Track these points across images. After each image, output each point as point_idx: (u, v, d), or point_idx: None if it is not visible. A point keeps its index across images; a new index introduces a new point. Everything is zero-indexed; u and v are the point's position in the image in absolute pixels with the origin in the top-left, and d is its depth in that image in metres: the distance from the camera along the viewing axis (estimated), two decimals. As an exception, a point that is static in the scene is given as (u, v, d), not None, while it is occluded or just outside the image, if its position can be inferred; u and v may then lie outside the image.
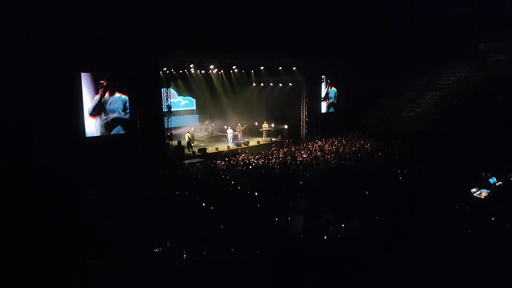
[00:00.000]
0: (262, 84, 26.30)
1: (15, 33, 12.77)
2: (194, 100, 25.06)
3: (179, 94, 23.92)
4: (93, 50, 14.32)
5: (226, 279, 5.51)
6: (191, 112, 25.22)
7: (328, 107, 25.94)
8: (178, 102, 23.82)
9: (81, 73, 14.82)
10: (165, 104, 17.48)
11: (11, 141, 12.93)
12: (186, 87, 23.68)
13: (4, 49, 12.58)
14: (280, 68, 22.94)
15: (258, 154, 17.64)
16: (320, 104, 25.10)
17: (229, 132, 20.87)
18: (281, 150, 18.49)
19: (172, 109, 18.00)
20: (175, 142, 18.45)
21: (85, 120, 15.07)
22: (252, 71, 24.17)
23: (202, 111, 25.45)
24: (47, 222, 8.19)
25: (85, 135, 15.13)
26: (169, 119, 17.69)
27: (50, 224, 8.02)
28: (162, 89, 17.26)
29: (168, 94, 17.60)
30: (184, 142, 19.52)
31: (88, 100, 15.12)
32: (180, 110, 24.24)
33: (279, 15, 21.11)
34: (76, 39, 13.72)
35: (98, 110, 15.38)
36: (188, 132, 20.98)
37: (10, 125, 12.99)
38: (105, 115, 15.60)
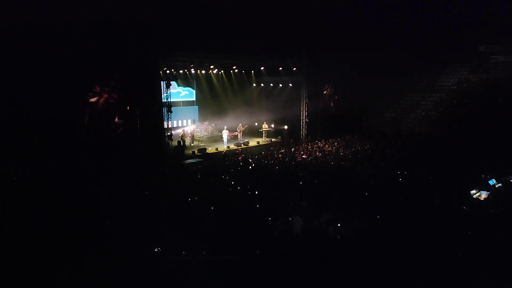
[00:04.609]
0: (262, 85, 26.31)
1: (16, 34, 12.78)
2: (194, 91, 24.97)
3: (179, 84, 23.76)
4: (93, 50, 14.32)
5: (226, 279, 5.52)
6: (190, 103, 25.16)
7: (328, 108, 25.93)
8: (177, 92, 23.68)
9: (82, 73, 14.80)
10: (165, 105, 17.45)
11: (12, 141, 12.94)
12: (185, 83, 23.65)
13: (6, 52, 12.60)
14: (280, 68, 22.96)
15: (258, 154, 17.64)
16: (320, 104, 25.09)
17: (224, 133, 20.78)
18: (280, 150, 18.49)
19: (171, 100, 17.88)
20: (175, 142, 18.44)
21: (84, 120, 15.06)
22: (253, 72, 24.18)
23: (202, 105, 25.40)
24: (48, 221, 8.19)
25: (84, 134, 15.12)
26: (169, 119, 17.68)
27: (50, 224, 8.02)
28: (162, 88, 17.18)
29: (169, 94, 17.59)
30: (187, 141, 19.60)
31: (89, 100, 15.10)
32: (180, 101, 24.16)
33: (279, 16, 21.12)
34: (76, 39, 13.72)
35: (97, 109, 15.37)
36: (190, 131, 21.14)
37: (10, 126, 13.02)
38: (105, 114, 15.59)
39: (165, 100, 17.41)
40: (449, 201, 9.39)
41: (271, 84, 25.77)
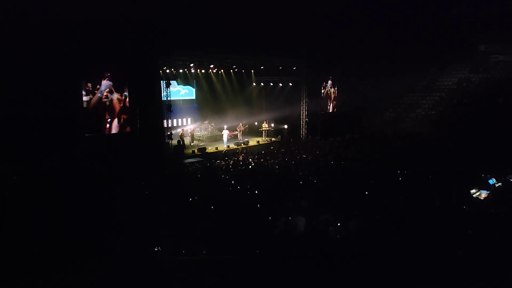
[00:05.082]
0: (262, 84, 26.31)
1: (16, 33, 12.76)
2: (194, 89, 24.96)
3: (178, 83, 23.70)
4: (94, 49, 14.30)
5: (226, 278, 5.51)
6: (190, 101, 25.15)
7: (327, 107, 25.94)
8: (177, 91, 23.63)
9: (82, 72, 14.79)
10: (165, 103, 17.42)
11: (10, 140, 12.93)
12: (185, 82, 23.63)
13: (5, 50, 12.57)
14: (280, 68, 22.94)
15: (258, 154, 17.64)
16: (320, 104, 25.11)
17: (224, 132, 20.78)
18: (280, 150, 18.49)
19: (171, 99, 17.85)
20: (175, 142, 18.44)
21: (84, 119, 15.05)
22: (252, 71, 24.15)
23: (202, 104, 25.39)
24: (47, 221, 8.18)
25: (84, 134, 15.11)
26: (169, 118, 17.66)
27: (50, 223, 8.01)
28: (162, 86, 17.16)
29: (168, 93, 17.57)
30: (186, 140, 19.60)
31: (89, 99, 15.09)
32: (180, 100, 24.15)
33: (279, 16, 21.11)
34: (77, 37, 13.70)
35: (98, 109, 15.36)
36: (189, 130, 21.17)
37: (8, 125, 13.00)
38: (105, 113, 15.58)
39: (165, 99, 17.39)
40: (449, 200, 9.39)
41: (271, 84, 25.77)
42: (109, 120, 15.73)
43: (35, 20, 13.08)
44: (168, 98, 17.58)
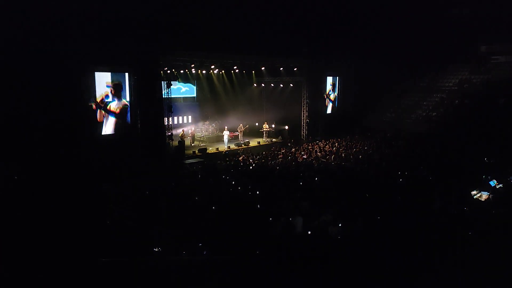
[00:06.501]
0: (263, 85, 26.30)
1: (23, 36, 12.80)
2: (195, 87, 24.96)
3: (179, 81, 23.61)
4: (95, 48, 14.30)
5: (226, 278, 5.52)
6: (191, 99, 25.16)
7: (328, 108, 25.93)
8: (178, 89, 23.61)
9: (82, 72, 14.80)
10: (165, 103, 17.41)
11: (12, 140, 12.96)
12: (186, 79, 23.60)
13: (15, 53, 12.62)
14: (281, 68, 22.94)
15: (258, 154, 17.64)
16: (321, 105, 25.11)
17: (225, 133, 20.78)
18: (281, 150, 18.48)
19: (172, 96, 17.83)
20: (175, 142, 18.44)
21: (85, 119, 15.05)
22: (253, 72, 24.15)
23: (203, 103, 25.38)
24: (48, 221, 8.20)
25: (85, 134, 15.11)
26: (170, 118, 17.66)
27: (50, 223, 8.03)
28: (162, 86, 17.14)
29: (169, 93, 17.55)
30: (187, 141, 19.57)
31: (88, 98, 15.10)
32: (180, 97, 24.11)
33: (280, 16, 21.13)
34: (78, 38, 13.70)
35: (98, 109, 15.37)
36: (190, 131, 21.15)
37: (10, 124, 13.03)
38: (106, 114, 15.59)
39: (165, 96, 17.35)
40: (449, 201, 9.38)
41: (272, 84, 25.76)
42: (109, 120, 15.74)
43: (34, 18, 13.08)
44: (169, 95, 17.52)
